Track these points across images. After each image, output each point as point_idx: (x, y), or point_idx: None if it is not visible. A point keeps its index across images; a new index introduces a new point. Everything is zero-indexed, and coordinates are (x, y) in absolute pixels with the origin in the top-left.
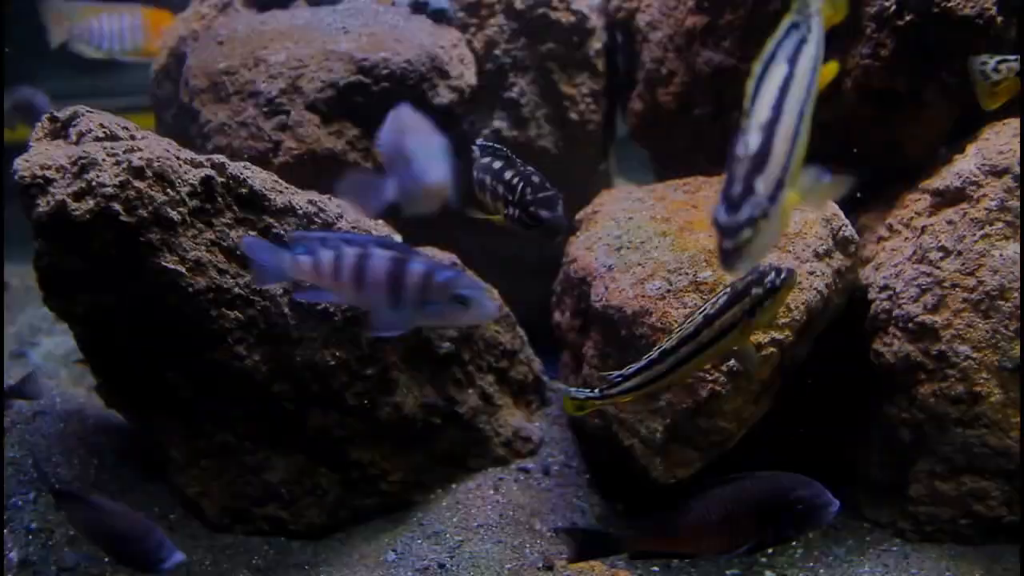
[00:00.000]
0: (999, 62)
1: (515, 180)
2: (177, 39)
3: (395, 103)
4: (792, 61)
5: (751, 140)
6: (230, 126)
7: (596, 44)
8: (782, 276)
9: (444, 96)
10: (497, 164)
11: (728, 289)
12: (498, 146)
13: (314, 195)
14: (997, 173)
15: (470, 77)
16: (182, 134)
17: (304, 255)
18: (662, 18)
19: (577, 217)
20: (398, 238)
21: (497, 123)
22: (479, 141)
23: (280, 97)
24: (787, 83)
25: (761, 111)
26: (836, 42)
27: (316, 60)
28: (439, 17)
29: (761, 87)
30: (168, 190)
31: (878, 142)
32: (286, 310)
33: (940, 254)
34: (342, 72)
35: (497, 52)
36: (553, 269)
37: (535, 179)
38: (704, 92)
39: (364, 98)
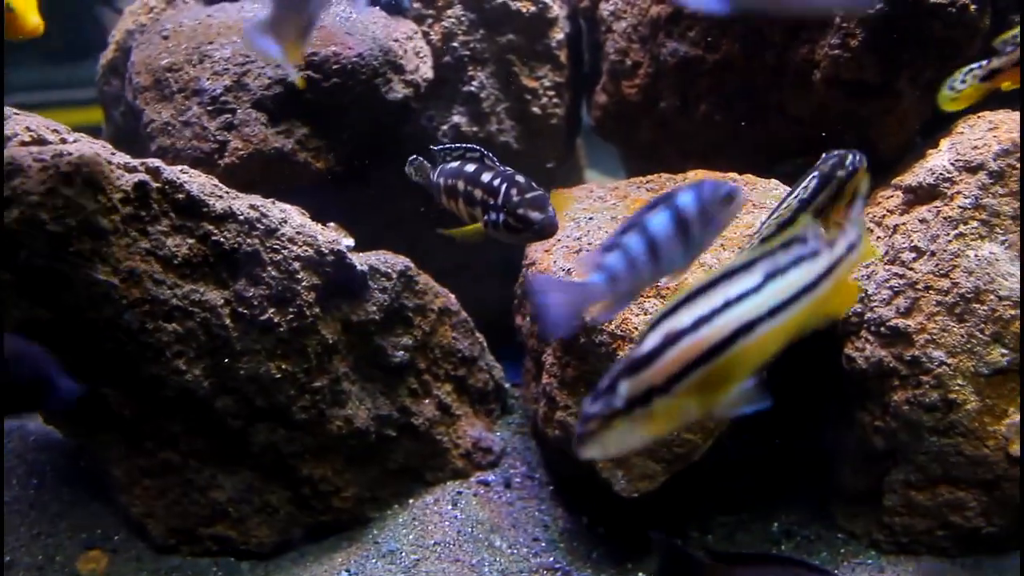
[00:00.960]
0: (966, 74)
1: (496, 182)
2: (124, 32)
3: (347, 99)
4: (771, 277)
5: (647, 341)
6: (173, 126)
7: (558, 35)
8: (858, 158)
9: (399, 91)
10: (470, 167)
11: (816, 173)
12: (470, 146)
13: (257, 199)
14: (971, 169)
15: (426, 71)
16: (131, 133)
17: (597, 277)
18: (626, 7)
19: None
20: (350, 242)
21: (456, 118)
22: (443, 145)
23: (225, 95)
24: (743, 298)
25: (683, 317)
26: (807, 31)
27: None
28: (394, 8)
29: (712, 288)
30: (99, 197)
31: (850, 136)
32: (227, 322)
33: (913, 255)
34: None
35: (455, 44)
36: (517, 267)
37: (519, 179)
38: (670, 84)
39: (314, 95)
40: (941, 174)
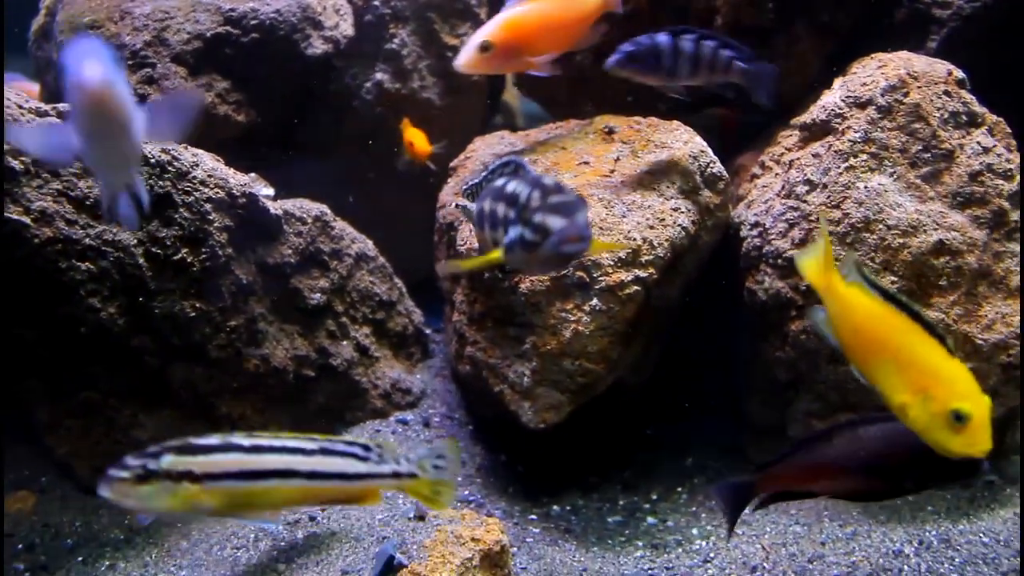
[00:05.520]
0: None
1: (518, 187)
2: None
3: (266, 54)
4: (325, 452)
5: (203, 440)
6: None
7: None
8: None
9: (318, 47)
10: (499, 182)
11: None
12: (513, 158)
13: (169, 144)
14: (861, 105)
15: (346, 28)
16: (62, 96)
17: None
18: None
19: (451, 164)
20: (269, 191)
21: (379, 75)
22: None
23: (145, 49)
24: (297, 452)
25: (245, 441)
26: None
27: (183, 11)
28: None
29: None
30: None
31: None
32: (141, 261)
33: (806, 188)
34: (209, 23)
35: (376, 3)
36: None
37: (547, 182)
38: None
39: (233, 50)
40: (833, 110)
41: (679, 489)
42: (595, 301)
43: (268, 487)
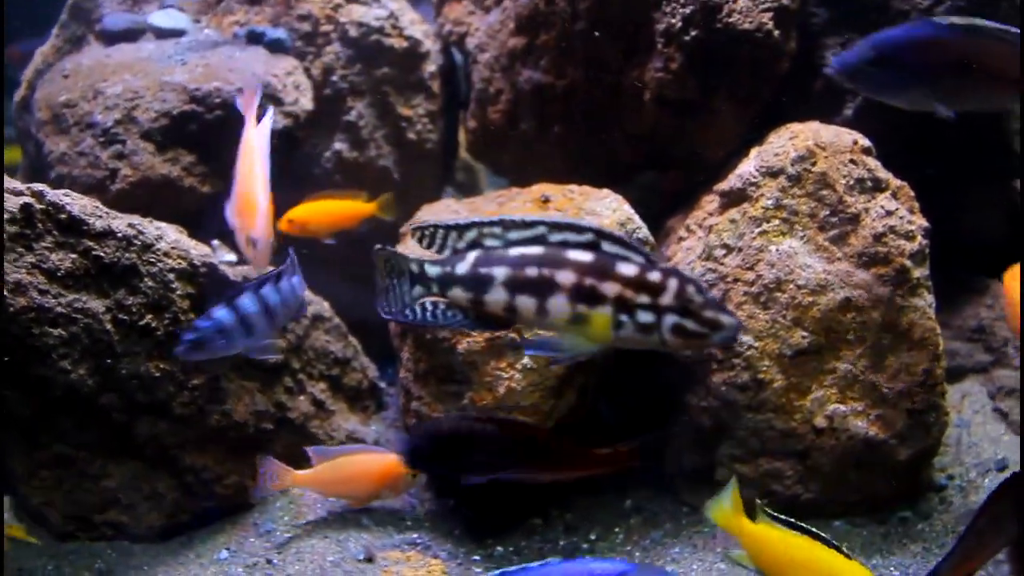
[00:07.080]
0: None
1: (655, 276)
2: (34, 72)
3: (229, 130)
4: None
5: None
6: (70, 156)
7: (430, 67)
8: None
9: (278, 121)
10: (582, 256)
11: None
12: (541, 218)
13: (135, 219)
14: (773, 174)
15: (305, 103)
16: (41, 164)
17: None
18: (488, 40)
19: (401, 230)
20: (232, 257)
21: (338, 145)
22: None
23: (116, 127)
24: None
25: None
26: (636, 56)
27: (151, 91)
28: (276, 47)
29: None
30: None
31: (681, 149)
32: (109, 327)
33: (723, 251)
34: (175, 102)
35: (334, 78)
36: None
37: (687, 273)
38: (528, 109)
39: (198, 126)
40: (748, 179)
41: (616, 529)
42: (526, 360)
43: None
